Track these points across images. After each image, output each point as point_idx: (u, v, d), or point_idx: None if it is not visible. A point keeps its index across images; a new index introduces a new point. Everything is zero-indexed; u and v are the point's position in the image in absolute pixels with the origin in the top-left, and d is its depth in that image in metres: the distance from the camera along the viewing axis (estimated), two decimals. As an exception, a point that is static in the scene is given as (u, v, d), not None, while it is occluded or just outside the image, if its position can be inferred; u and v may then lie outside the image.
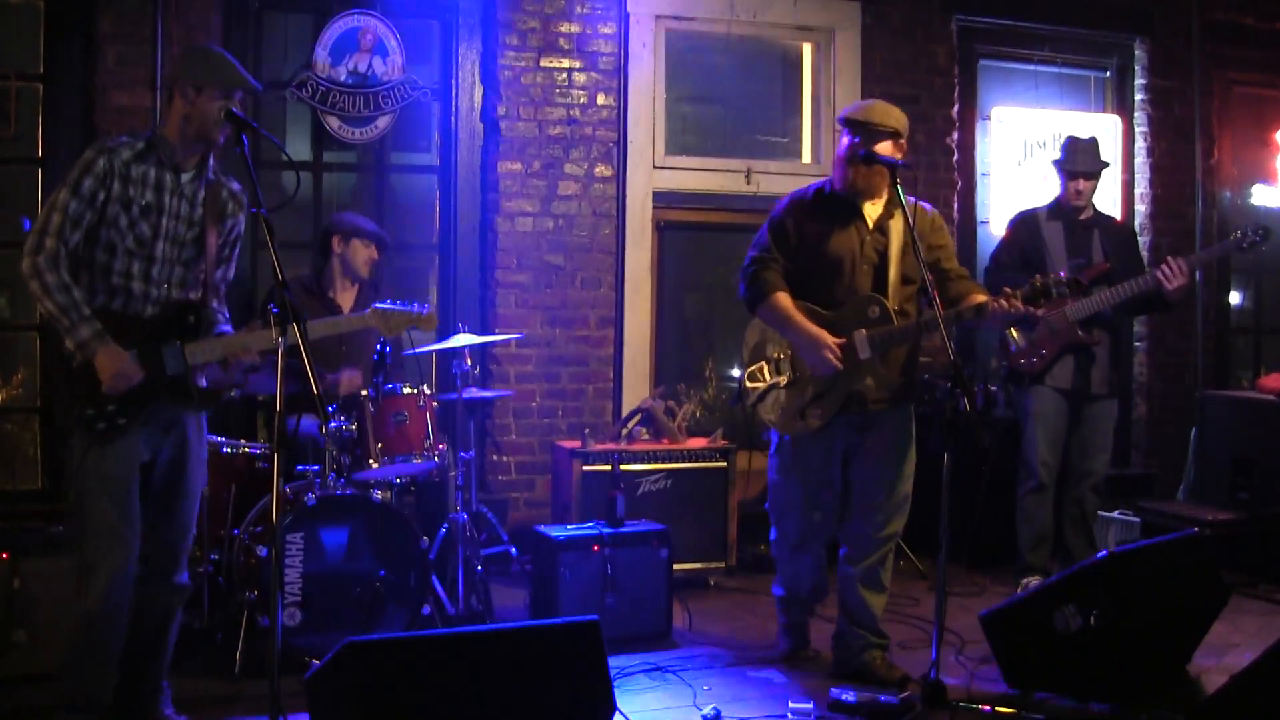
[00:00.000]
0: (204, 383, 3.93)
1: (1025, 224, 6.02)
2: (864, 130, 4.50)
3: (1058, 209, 5.98)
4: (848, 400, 4.54)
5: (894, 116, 4.54)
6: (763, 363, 4.64)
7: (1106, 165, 6.03)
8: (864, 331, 4.48)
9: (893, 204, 4.58)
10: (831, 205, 4.62)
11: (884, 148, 4.48)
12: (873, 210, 4.61)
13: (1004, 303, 4.36)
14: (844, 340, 4.46)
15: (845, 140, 4.55)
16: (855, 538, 4.74)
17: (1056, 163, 6.00)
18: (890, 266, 4.58)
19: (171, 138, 3.85)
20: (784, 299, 4.54)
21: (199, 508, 4.10)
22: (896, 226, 4.58)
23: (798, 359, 4.56)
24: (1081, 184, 5.90)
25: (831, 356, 4.41)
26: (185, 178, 3.89)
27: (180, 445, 3.95)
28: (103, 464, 3.76)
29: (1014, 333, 5.84)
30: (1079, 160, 5.90)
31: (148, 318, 3.83)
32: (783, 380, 4.63)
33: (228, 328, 4.04)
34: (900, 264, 4.58)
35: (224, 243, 4.02)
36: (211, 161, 3.98)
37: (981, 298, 4.50)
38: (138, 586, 3.89)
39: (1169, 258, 5.62)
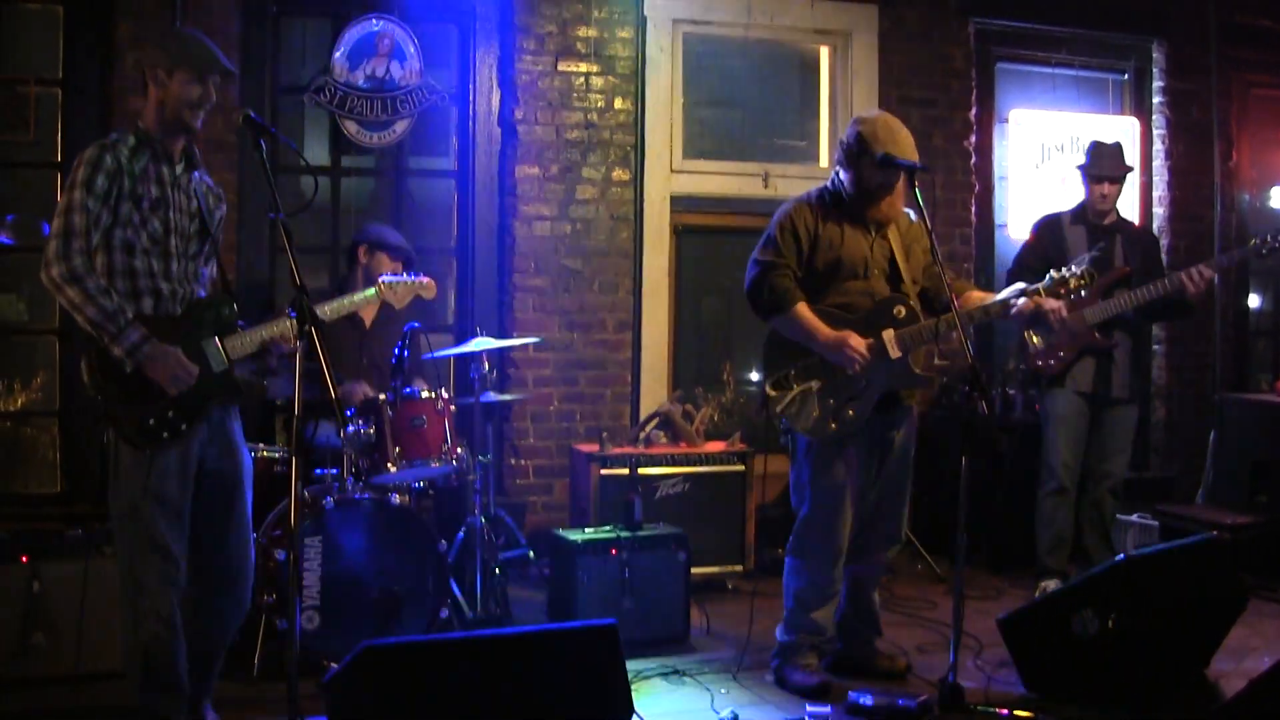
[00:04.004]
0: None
1: (1049, 227, 6.04)
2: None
3: (1081, 213, 5.99)
4: (881, 400, 4.54)
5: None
6: (790, 369, 4.57)
7: (1130, 169, 6.04)
8: (892, 331, 4.50)
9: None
10: (841, 209, 4.62)
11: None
12: (875, 214, 4.62)
13: (1029, 300, 4.48)
14: (872, 341, 4.47)
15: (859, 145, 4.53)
16: (878, 537, 4.73)
17: (1081, 167, 6.01)
18: (901, 269, 4.62)
19: (151, 128, 3.65)
20: (805, 310, 4.51)
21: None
22: (892, 231, 4.63)
23: (828, 362, 4.53)
24: (1107, 188, 5.91)
25: (857, 351, 4.41)
26: (178, 170, 3.71)
27: (229, 449, 3.80)
28: (159, 479, 3.58)
29: (1033, 336, 5.85)
30: (1105, 165, 5.92)
31: (180, 317, 3.68)
32: (814, 386, 4.56)
33: (242, 322, 3.89)
34: (907, 267, 4.63)
35: (216, 236, 3.86)
36: (197, 154, 3.81)
37: (990, 296, 4.58)
38: (203, 604, 3.78)
39: (1192, 268, 5.62)
